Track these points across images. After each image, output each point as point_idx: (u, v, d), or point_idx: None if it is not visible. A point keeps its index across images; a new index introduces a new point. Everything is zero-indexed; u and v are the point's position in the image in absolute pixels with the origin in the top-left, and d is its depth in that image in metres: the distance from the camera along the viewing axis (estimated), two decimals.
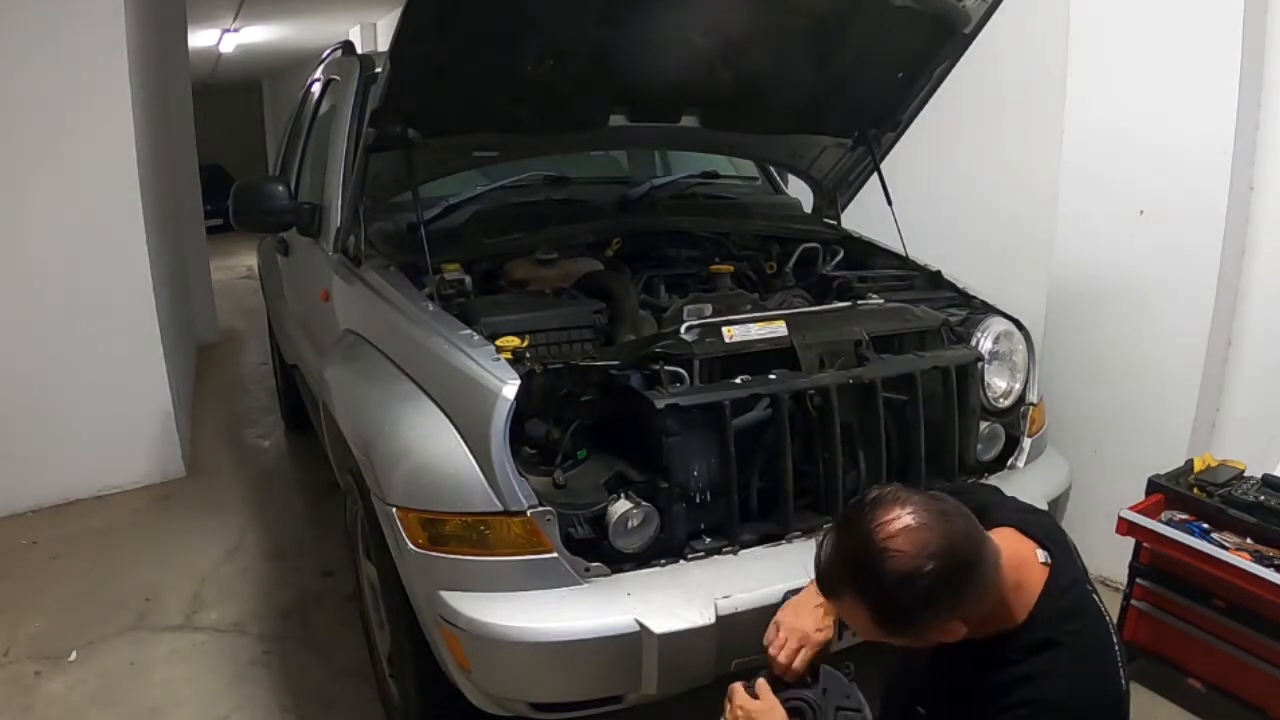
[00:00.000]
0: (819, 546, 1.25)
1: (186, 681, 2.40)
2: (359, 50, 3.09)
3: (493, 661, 1.59)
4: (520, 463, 1.62)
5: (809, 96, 2.39)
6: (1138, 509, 2.17)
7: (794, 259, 2.46)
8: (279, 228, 2.95)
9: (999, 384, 2.09)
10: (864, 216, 2.73)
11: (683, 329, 1.81)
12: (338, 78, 3.05)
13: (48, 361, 3.43)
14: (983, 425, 2.01)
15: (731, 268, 2.30)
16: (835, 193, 2.76)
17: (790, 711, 1.34)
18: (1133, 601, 2.23)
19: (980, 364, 1.98)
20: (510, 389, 1.59)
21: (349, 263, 2.37)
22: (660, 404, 1.64)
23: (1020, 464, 2.08)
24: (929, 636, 1.21)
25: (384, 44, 7.54)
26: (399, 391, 1.85)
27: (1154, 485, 2.21)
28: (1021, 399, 2.11)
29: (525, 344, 1.81)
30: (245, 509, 3.51)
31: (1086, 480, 2.31)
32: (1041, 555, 1.28)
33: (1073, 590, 1.27)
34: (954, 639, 1.21)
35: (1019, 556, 1.26)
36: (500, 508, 1.58)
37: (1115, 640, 1.29)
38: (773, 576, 1.64)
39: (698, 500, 1.69)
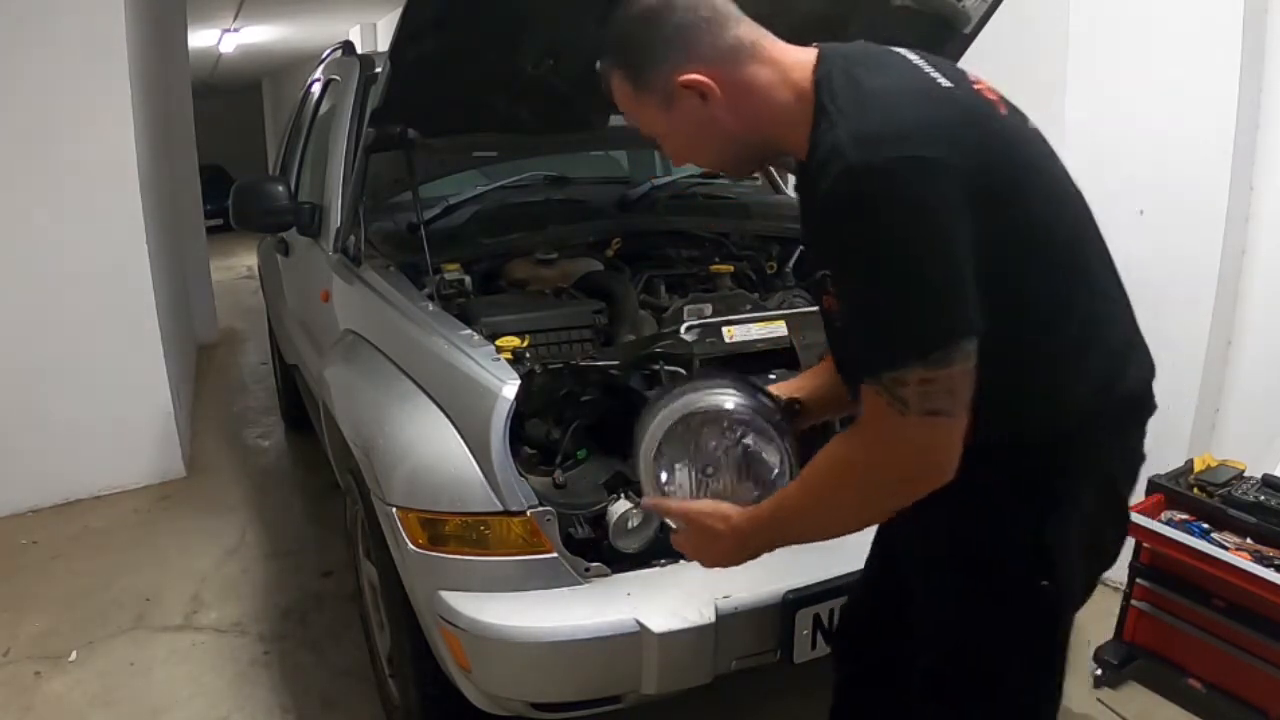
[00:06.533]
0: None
1: (186, 681, 2.40)
2: (359, 50, 3.09)
3: (493, 661, 1.59)
4: (520, 463, 1.62)
5: None
6: (1138, 509, 2.16)
7: (794, 259, 2.45)
8: (279, 228, 2.95)
9: None
10: None
11: (683, 329, 1.81)
12: (338, 78, 3.05)
13: (48, 361, 3.43)
14: None
15: (731, 268, 2.29)
16: None
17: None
18: (1133, 601, 2.23)
19: None
20: (510, 389, 1.59)
21: (349, 263, 2.36)
22: None
23: None
24: (674, 89, 1.10)
25: (384, 44, 7.53)
26: (399, 392, 1.85)
27: (1154, 485, 2.20)
28: None
29: (525, 344, 1.81)
30: (245, 509, 3.51)
31: None
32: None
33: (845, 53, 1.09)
34: (731, 132, 1.10)
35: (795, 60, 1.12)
36: (500, 508, 1.57)
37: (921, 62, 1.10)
38: (773, 576, 1.63)
39: None
